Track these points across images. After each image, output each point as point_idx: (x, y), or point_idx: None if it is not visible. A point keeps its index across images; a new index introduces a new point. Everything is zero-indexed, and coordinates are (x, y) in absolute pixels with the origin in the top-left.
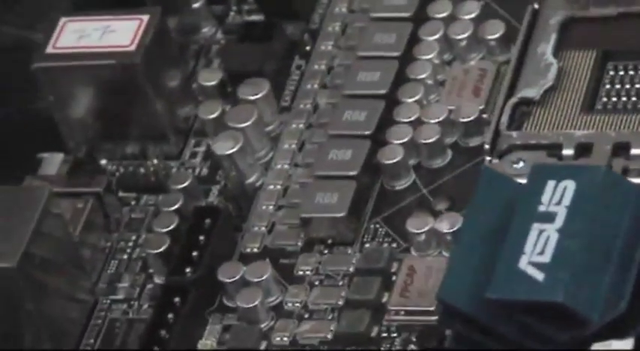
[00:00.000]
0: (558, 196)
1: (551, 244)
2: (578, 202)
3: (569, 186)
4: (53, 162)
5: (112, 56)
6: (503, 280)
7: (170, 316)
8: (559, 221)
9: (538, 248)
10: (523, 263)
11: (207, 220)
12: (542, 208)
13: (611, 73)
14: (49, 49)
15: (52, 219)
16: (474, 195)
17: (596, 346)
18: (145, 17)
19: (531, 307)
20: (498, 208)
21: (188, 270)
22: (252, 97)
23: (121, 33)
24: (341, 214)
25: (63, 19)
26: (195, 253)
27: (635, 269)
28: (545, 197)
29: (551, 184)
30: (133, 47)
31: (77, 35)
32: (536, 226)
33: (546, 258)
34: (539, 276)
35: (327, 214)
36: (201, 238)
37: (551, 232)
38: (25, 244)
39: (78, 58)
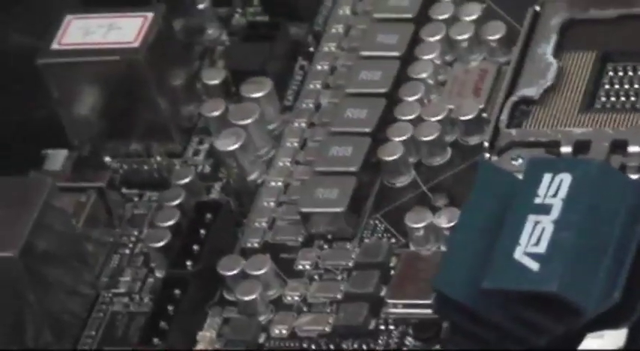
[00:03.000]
0: (554, 189)
1: (547, 235)
2: (573, 195)
3: (565, 179)
4: (57, 158)
5: (116, 52)
6: (499, 270)
7: (170, 307)
8: (555, 213)
9: (533, 239)
10: (518, 254)
11: (208, 215)
12: (538, 200)
13: (610, 73)
14: (55, 46)
15: (54, 211)
16: (473, 188)
17: (589, 336)
18: (150, 15)
19: (526, 297)
20: (496, 200)
21: (188, 263)
22: (255, 95)
23: (126, 30)
24: (340, 209)
25: (68, 17)
26: (195, 247)
27: (630, 261)
28: (541, 189)
29: (547, 176)
30: (137, 44)
31: (82, 32)
32: (532, 218)
33: (541, 249)
34: (533, 266)
35: (326, 209)
36: (202, 232)
37: (546, 223)
38: (27, 234)
39: (82, 55)
